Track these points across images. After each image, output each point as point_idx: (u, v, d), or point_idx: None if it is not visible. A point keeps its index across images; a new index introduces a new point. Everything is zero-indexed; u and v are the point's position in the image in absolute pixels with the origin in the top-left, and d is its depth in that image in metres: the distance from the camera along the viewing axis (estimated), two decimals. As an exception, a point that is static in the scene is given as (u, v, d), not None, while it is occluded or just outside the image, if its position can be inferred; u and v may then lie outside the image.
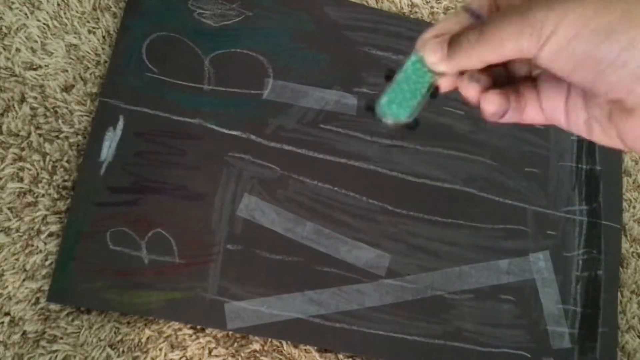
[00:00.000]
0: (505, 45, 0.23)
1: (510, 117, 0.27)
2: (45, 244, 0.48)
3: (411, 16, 0.62)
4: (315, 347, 0.50)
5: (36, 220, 0.48)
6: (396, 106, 0.29)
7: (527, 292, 0.55)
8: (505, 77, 0.28)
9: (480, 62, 0.24)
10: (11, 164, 0.49)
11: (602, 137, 0.24)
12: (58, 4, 0.53)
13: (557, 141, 0.59)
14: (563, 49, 0.21)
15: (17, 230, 0.48)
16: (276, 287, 0.50)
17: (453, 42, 0.25)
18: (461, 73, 0.27)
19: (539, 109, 0.26)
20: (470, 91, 0.27)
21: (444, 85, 0.28)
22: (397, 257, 0.53)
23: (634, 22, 0.19)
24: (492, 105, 0.26)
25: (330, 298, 0.51)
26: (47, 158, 0.50)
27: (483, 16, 0.26)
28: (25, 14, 0.53)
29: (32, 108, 0.51)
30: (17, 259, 0.47)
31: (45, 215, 0.49)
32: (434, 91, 0.28)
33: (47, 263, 0.48)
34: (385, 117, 0.29)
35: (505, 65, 0.27)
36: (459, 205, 0.55)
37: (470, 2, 0.26)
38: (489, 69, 0.26)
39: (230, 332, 0.49)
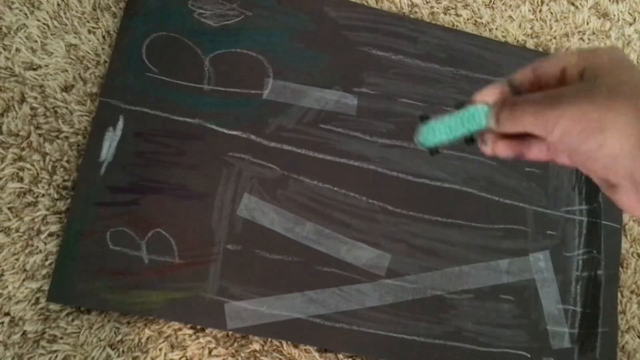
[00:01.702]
0: (526, 126, 0.28)
1: (515, 153, 0.31)
2: (45, 244, 0.48)
3: (411, 16, 0.62)
4: (315, 347, 0.50)
5: (36, 220, 0.48)
6: (432, 135, 0.33)
7: (527, 292, 0.55)
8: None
9: (523, 130, 0.29)
10: (11, 164, 0.49)
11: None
12: (58, 4, 0.53)
13: (557, 141, 0.59)
14: (560, 141, 0.27)
15: (17, 230, 0.48)
16: (276, 287, 0.50)
17: (515, 107, 0.29)
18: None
19: (545, 150, 0.31)
20: (500, 148, 0.31)
21: (482, 137, 0.32)
22: (397, 257, 0.53)
23: (604, 129, 0.25)
24: (507, 151, 0.31)
25: (330, 298, 0.51)
26: (47, 158, 0.50)
27: (522, 88, 0.31)
28: (25, 14, 0.53)
29: (32, 108, 0.51)
30: (17, 259, 0.47)
31: (45, 215, 0.49)
32: (472, 140, 0.32)
33: (47, 263, 0.48)
34: (417, 137, 0.34)
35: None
36: (459, 205, 0.55)
37: (513, 77, 0.31)
38: None
39: (230, 332, 0.49)
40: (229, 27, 0.55)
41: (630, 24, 0.68)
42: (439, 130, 0.32)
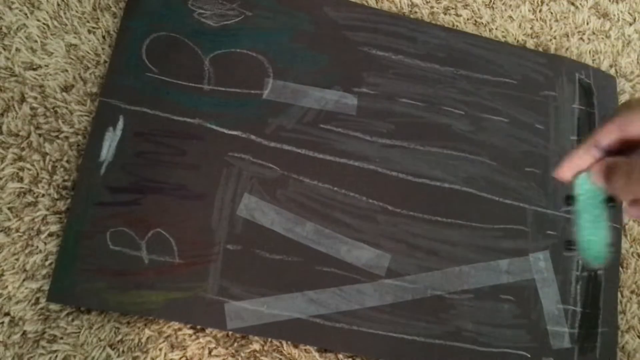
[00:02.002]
0: None
1: None
2: (45, 244, 0.48)
3: (411, 16, 0.62)
4: (315, 347, 0.50)
5: (36, 220, 0.48)
6: (596, 247, 0.30)
7: (527, 292, 0.55)
8: None
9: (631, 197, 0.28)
10: (11, 164, 0.49)
11: None
12: (58, 4, 0.53)
13: (557, 141, 0.59)
14: None
15: (17, 230, 0.48)
16: (276, 287, 0.50)
17: (610, 172, 0.28)
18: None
19: None
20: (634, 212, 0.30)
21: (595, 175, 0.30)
22: (397, 257, 0.53)
23: None
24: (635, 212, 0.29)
25: (330, 298, 0.51)
26: (47, 158, 0.50)
27: (610, 151, 0.29)
28: (25, 14, 0.53)
29: (32, 108, 0.51)
30: (17, 259, 0.47)
31: (45, 215, 0.49)
32: (611, 200, 0.30)
33: (47, 263, 0.48)
34: (591, 261, 0.30)
35: None
36: (459, 205, 0.55)
37: (600, 139, 0.29)
38: None
39: (230, 332, 0.49)
40: (229, 27, 0.55)
41: (630, 24, 0.68)
42: (594, 236, 0.30)
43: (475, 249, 0.55)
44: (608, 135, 0.29)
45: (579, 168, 0.30)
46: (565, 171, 0.30)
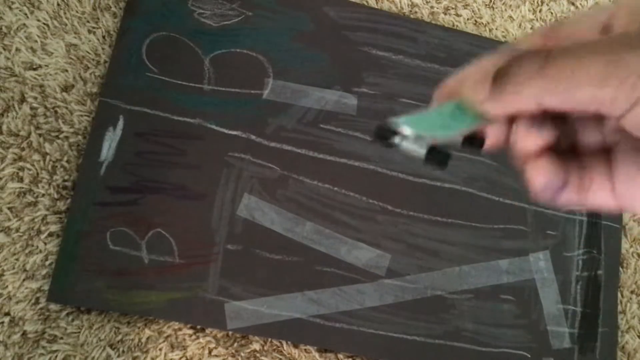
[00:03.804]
0: (580, 89, 0.17)
1: (568, 197, 0.20)
2: (45, 244, 0.48)
3: (411, 16, 0.62)
4: (315, 347, 0.50)
5: (36, 220, 0.48)
6: (417, 124, 0.21)
7: (527, 292, 0.55)
8: (564, 144, 0.21)
9: (535, 103, 0.18)
10: (11, 164, 0.49)
11: None
12: (58, 4, 0.53)
13: (557, 141, 0.59)
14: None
15: (17, 230, 0.48)
16: (276, 287, 0.50)
17: (501, 74, 0.19)
18: (511, 122, 0.21)
19: (610, 191, 0.20)
20: (529, 142, 0.20)
21: (491, 135, 0.21)
22: (397, 257, 0.53)
23: None
24: (541, 174, 0.19)
25: (330, 298, 0.51)
26: (47, 158, 0.50)
27: None
28: (25, 14, 0.53)
29: (32, 108, 0.51)
30: (17, 259, 0.47)
31: (45, 215, 0.49)
32: (479, 142, 0.22)
33: (47, 263, 0.48)
34: (399, 127, 0.21)
35: (563, 123, 0.21)
36: (459, 205, 0.55)
37: (519, 42, 0.21)
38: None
39: (230, 332, 0.49)
40: (229, 27, 0.55)
41: (630, 24, 0.68)
42: (425, 123, 0.21)
43: (475, 249, 0.55)
44: (530, 45, 0.20)
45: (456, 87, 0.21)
46: (463, 74, 0.21)
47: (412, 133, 0.21)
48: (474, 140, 0.21)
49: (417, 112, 0.21)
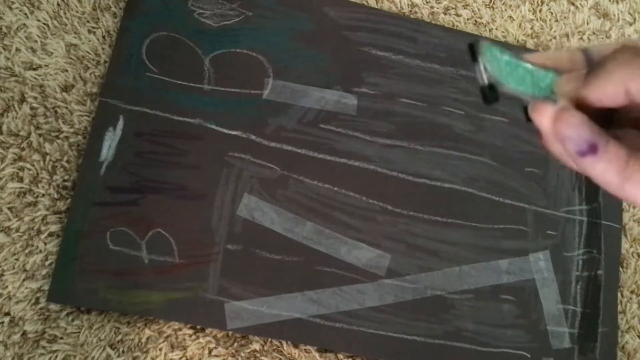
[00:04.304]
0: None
1: (604, 168, 0.20)
2: (45, 244, 0.48)
3: (411, 16, 0.62)
4: (315, 347, 0.50)
5: (36, 220, 0.48)
6: (496, 65, 0.24)
7: (527, 292, 0.55)
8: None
9: (624, 90, 0.20)
10: (11, 164, 0.49)
11: None
12: (58, 4, 0.53)
13: (557, 141, 0.59)
14: None
15: (17, 230, 0.48)
16: (276, 287, 0.50)
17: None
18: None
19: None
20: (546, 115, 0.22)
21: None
22: (397, 257, 0.53)
23: None
24: (570, 126, 0.20)
25: (330, 298, 0.51)
26: (47, 158, 0.50)
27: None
28: (25, 14, 0.53)
29: (32, 108, 0.51)
30: (17, 259, 0.47)
31: (45, 215, 0.49)
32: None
33: (47, 263, 0.48)
34: (481, 50, 0.24)
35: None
36: (459, 205, 0.55)
37: (590, 47, 0.22)
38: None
39: (230, 332, 0.49)
40: (229, 27, 0.55)
41: (631, 24, 0.68)
42: (505, 68, 0.23)
43: (475, 249, 0.55)
44: (605, 48, 0.22)
45: (554, 63, 0.22)
46: (535, 56, 0.23)
47: (494, 71, 0.24)
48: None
49: (512, 56, 0.24)
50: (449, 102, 0.58)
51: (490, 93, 0.24)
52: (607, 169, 0.20)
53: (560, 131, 0.20)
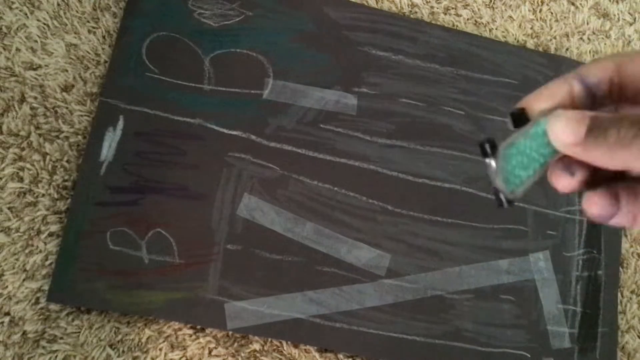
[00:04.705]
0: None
1: (619, 221, 0.21)
2: (45, 244, 0.48)
3: (411, 16, 0.62)
4: (315, 347, 0.50)
5: (36, 220, 0.48)
6: (514, 177, 0.23)
7: (527, 292, 0.55)
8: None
9: (621, 167, 0.20)
10: (11, 164, 0.49)
11: None
12: (58, 4, 0.53)
13: (557, 141, 0.59)
14: None
15: (17, 230, 0.48)
16: (276, 287, 0.50)
17: (596, 127, 0.20)
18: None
19: None
20: (561, 181, 0.22)
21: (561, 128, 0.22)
22: (397, 257, 0.53)
23: None
24: (594, 207, 0.21)
25: (330, 298, 0.51)
26: (47, 158, 0.50)
27: (598, 92, 0.21)
28: (25, 14, 0.53)
29: (32, 108, 0.51)
30: (17, 259, 0.47)
31: (45, 215, 0.49)
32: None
33: (47, 263, 0.48)
34: (501, 184, 0.23)
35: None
36: (459, 205, 0.55)
37: (586, 72, 0.21)
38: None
39: (230, 332, 0.49)
40: (229, 27, 0.55)
41: (631, 24, 0.68)
42: (518, 166, 0.23)
43: (475, 249, 0.55)
44: (600, 70, 0.21)
45: (548, 103, 0.22)
46: (532, 101, 0.22)
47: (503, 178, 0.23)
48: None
49: (510, 143, 0.23)
50: (449, 102, 0.58)
51: (503, 199, 0.23)
52: (621, 221, 0.21)
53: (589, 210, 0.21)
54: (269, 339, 0.50)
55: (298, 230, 0.52)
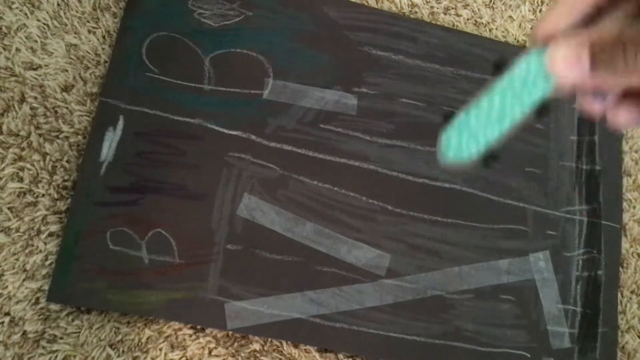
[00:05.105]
0: None
1: None
2: (45, 244, 0.48)
3: (411, 16, 0.62)
4: (315, 347, 0.50)
5: (36, 220, 0.48)
6: (467, 139, 0.20)
7: (527, 292, 0.55)
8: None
9: (633, 85, 0.18)
10: (11, 164, 0.49)
11: None
12: (58, 4, 0.53)
13: (557, 141, 0.59)
14: None
15: (17, 230, 0.48)
16: (276, 287, 0.50)
17: (601, 51, 0.18)
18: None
19: None
20: (595, 107, 0.21)
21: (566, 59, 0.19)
22: (397, 257, 0.53)
23: None
24: (625, 120, 0.20)
25: (330, 298, 0.51)
26: (47, 158, 0.50)
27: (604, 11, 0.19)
28: (25, 14, 0.53)
29: (32, 108, 0.51)
30: (17, 259, 0.47)
31: (45, 215, 0.49)
32: (543, 109, 0.20)
33: (47, 263, 0.48)
34: (443, 149, 0.19)
35: None
36: (459, 205, 0.55)
37: None
38: None
39: (230, 332, 0.49)
40: (229, 27, 0.55)
41: (630, 24, 0.68)
42: (478, 127, 0.20)
43: (475, 249, 0.55)
44: None
45: (553, 30, 0.19)
46: (541, 29, 0.20)
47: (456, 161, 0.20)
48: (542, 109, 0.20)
49: (477, 103, 0.20)
50: (449, 102, 0.58)
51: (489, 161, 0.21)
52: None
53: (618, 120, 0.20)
54: (269, 339, 0.50)
55: (298, 230, 0.52)
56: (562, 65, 0.19)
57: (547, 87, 0.19)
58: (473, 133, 0.20)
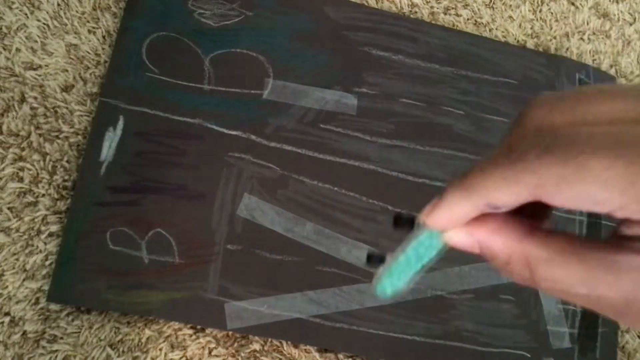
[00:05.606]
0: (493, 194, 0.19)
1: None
2: (45, 244, 0.48)
3: (411, 16, 0.62)
4: (315, 347, 0.50)
5: (36, 220, 0.48)
6: (393, 280, 0.25)
7: (527, 292, 0.55)
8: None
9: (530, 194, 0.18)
10: (11, 164, 0.49)
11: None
12: (58, 4, 0.53)
13: (557, 141, 0.59)
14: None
15: (17, 230, 0.48)
16: (276, 287, 0.50)
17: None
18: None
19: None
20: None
21: (459, 242, 0.23)
22: (397, 257, 0.53)
23: None
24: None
25: (330, 298, 0.51)
26: (47, 158, 0.50)
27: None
28: (25, 14, 0.53)
29: (32, 108, 0.51)
30: (17, 259, 0.47)
31: (45, 215, 0.49)
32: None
33: (47, 263, 0.48)
34: (378, 287, 0.25)
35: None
36: (459, 205, 0.55)
37: (494, 198, 0.19)
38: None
39: (230, 332, 0.49)
40: (229, 27, 0.55)
41: (631, 24, 0.68)
42: (400, 272, 0.25)
43: (475, 249, 0.55)
44: (512, 197, 0.18)
45: (456, 222, 0.21)
46: (436, 219, 0.21)
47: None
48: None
49: (397, 254, 0.25)
50: (449, 102, 0.58)
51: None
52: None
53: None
54: (269, 339, 0.50)
55: (298, 230, 0.52)
56: (459, 244, 0.22)
57: (442, 247, 0.24)
58: (399, 275, 0.25)
